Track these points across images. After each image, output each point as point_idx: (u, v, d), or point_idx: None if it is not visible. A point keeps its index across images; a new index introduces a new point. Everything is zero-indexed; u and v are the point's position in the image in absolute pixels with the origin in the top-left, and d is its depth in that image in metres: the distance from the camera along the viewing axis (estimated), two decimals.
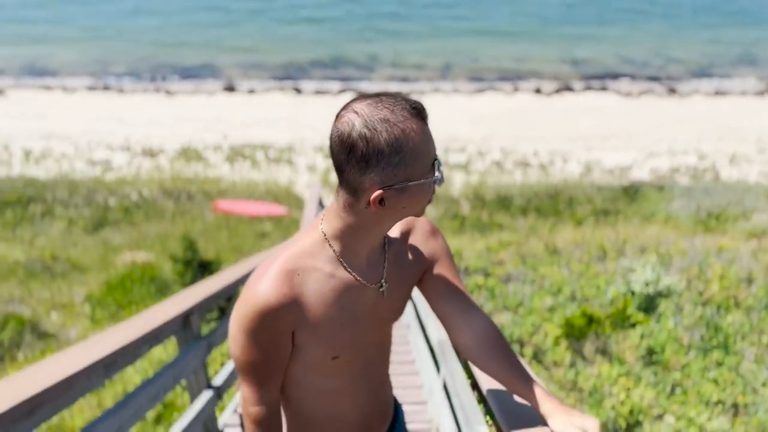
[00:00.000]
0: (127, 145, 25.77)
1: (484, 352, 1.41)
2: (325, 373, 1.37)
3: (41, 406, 1.62)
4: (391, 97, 1.18)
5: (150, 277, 11.17)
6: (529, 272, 8.42)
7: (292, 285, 1.25)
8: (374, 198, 1.17)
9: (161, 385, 2.42)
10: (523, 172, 24.14)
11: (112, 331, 2.22)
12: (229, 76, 31.99)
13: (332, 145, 1.20)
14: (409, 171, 1.17)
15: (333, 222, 1.27)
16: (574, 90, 31.79)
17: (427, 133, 1.20)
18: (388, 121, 1.14)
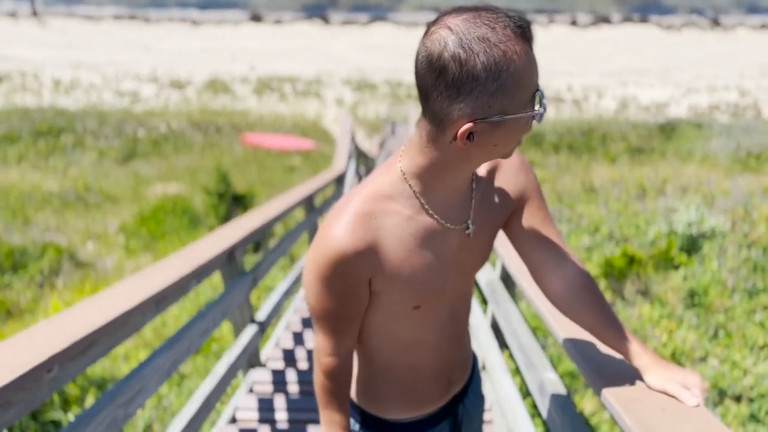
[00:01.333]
0: (155, 75, 25.60)
1: (576, 300, 1.28)
2: (407, 323, 1.26)
3: (97, 342, 1.57)
4: (492, 12, 0.98)
5: (182, 209, 11.24)
6: (565, 210, 8.24)
7: (368, 229, 1.12)
8: (462, 132, 0.99)
9: (211, 319, 2.38)
10: (556, 107, 23.52)
11: (161, 267, 2.16)
12: (255, 6, 31.27)
13: (418, 66, 1.00)
14: (506, 102, 0.98)
15: (414, 158, 1.11)
16: (611, 22, 30.56)
17: (532, 58, 0.99)
18: (487, 41, 0.94)
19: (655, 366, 1.21)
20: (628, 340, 1.23)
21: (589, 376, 1.34)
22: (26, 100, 22.76)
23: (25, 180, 14.76)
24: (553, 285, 1.30)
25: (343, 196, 1.19)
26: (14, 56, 27.44)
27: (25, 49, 28.30)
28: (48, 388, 1.35)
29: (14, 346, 1.33)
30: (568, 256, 1.32)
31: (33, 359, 1.27)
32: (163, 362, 1.86)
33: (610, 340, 1.26)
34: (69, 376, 1.44)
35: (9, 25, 31.67)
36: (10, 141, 18.38)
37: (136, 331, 1.84)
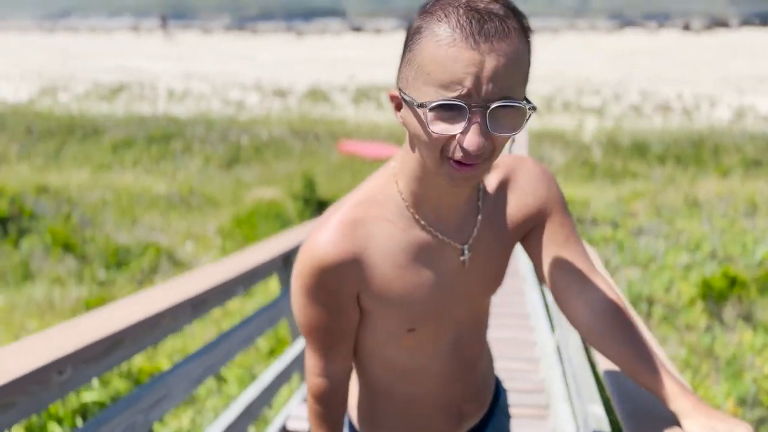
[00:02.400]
0: (259, 85, 26.67)
1: (603, 330, 1.09)
2: (404, 348, 1.14)
3: (121, 344, 1.57)
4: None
5: (275, 213, 11.58)
6: (663, 225, 7.72)
7: (355, 238, 1.01)
8: (390, 95, 0.92)
9: (257, 326, 2.37)
10: (664, 116, 22.27)
11: (204, 271, 2.17)
12: (356, 16, 31.93)
13: None
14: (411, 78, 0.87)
15: (402, 154, 1.01)
16: (729, 26, 28.60)
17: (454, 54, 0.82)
18: (430, 12, 0.85)
19: (696, 412, 1.00)
20: (664, 378, 1.03)
21: (621, 417, 1.18)
22: (143, 109, 24.36)
23: (138, 182, 15.75)
24: (578, 312, 1.12)
25: (337, 201, 1.09)
26: (134, 67, 29.50)
27: (144, 61, 30.32)
28: (59, 390, 1.37)
29: (26, 347, 1.35)
30: (596, 280, 1.14)
31: (40, 361, 1.28)
32: (193, 369, 1.86)
33: (643, 377, 1.06)
34: (85, 379, 1.45)
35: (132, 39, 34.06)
36: (127, 146, 19.74)
37: (168, 333, 1.85)
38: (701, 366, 4.88)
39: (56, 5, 54.44)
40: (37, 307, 7.12)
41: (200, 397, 4.50)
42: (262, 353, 5.13)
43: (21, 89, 26.97)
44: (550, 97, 24.08)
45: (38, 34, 36.59)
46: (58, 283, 8.23)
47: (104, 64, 30.12)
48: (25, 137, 19.68)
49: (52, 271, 8.50)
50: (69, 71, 29.25)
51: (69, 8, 51.07)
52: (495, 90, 0.83)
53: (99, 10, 48.43)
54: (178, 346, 5.55)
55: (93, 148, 19.23)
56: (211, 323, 6.18)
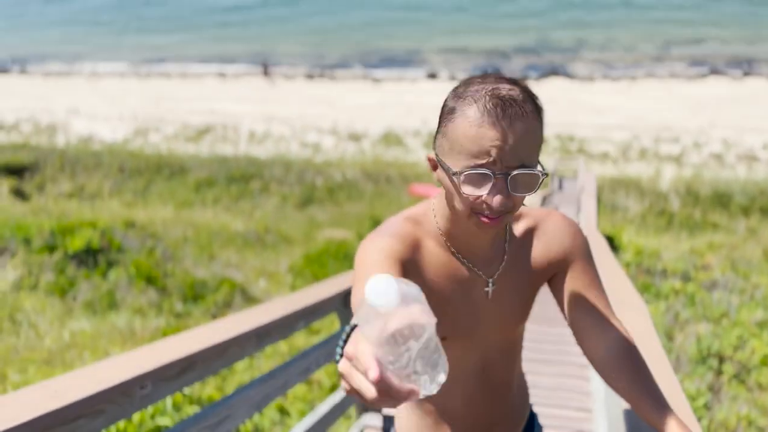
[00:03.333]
0: (335, 129, 27.54)
1: (615, 367, 1.24)
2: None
3: (192, 367, 1.80)
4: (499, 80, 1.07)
5: (344, 253, 11.88)
6: (739, 280, 7.46)
7: (408, 243, 1.19)
8: (428, 157, 1.14)
9: (313, 359, 2.56)
10: (748, 166, 21.41)
11: (270, 305, 2.39)
12: (432, 64, 32.57)
13: None
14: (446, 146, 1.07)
15: (441, 195, 1.21)
16: None
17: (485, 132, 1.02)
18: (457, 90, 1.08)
19: None
20: (666, 417, 1.16)
21: None
22: (225, 149, 25.58)
23: (217, 220, 16.50)
24: (595, 350, 1.28)
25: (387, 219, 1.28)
26: (220, 110, 31.08)
27: (230, 104, 31.86)
28: (140, 402, 1.59)
29: (114, 363, 1.60)
30: (613, 323, 1.30)
31: (125, 376, 1.51)
32: (254, 394, 2.06)
33: (647, 414, 1.19)
34: (162, 395, 1.68)
35: (219, 84, 35.92)
36: (209, 185, 20.76)
37: (235, 361, 2.07)
38: None
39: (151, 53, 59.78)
40: (119, 335, 7.61)
41: (264, 428, 4.71)
42: (324, 389, 5.32)
43: (117, 130, 28.97)
44: (627, 144, 23.64)
45: (134, 79, 39.36)
46: (140, 314, 8.75)
47: (193, 106, 31.92)
48: (117, 174, 21.06)
49: (135, 301, 9.05)
50: (161, 113, 31.18)
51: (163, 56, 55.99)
52: (514, 159, 1.04)
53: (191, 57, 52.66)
54: (247, 380, 5.82)
55: (178, 186, 20.34)
56: (280, 359, 6.44)
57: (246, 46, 39.07)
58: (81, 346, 6.65)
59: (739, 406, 4.96)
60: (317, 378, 5.41)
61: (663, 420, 1.16)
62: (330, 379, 5.34)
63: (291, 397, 5.05)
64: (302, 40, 38.75)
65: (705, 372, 5.47)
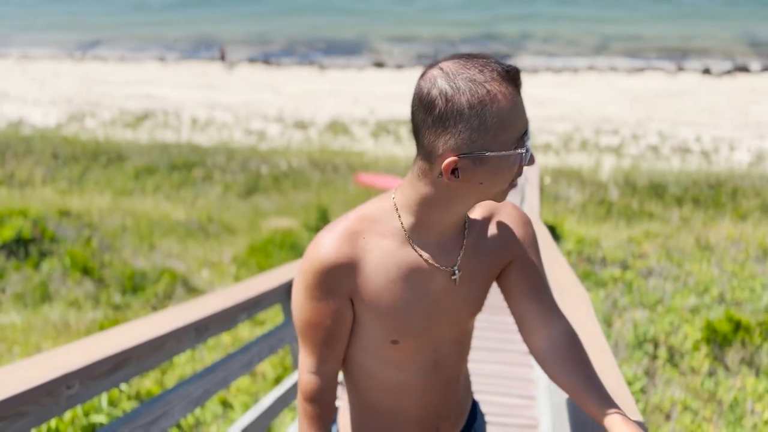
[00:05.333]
0: (281, 116, 27.15)
1: (557, 359, 1.26)
2: (388, 362, 1.27)
3: (125, 364, 1.71)
4: (483, 57, 1.06)
5: (290, 243, 11.75)
6: (673, 268, 7.75)
7: (355, 247, 1.17)
8: (447, 165, 1.05)
9: (256, 352, 2.49)
10: (682, 158, 22.26)
11: (209, 298, 2.31)
12: (379, 52, 32.50)
13: (412, 103, 1.09)
14: (489, 139, 1.03)
15: (406, 191, 1.16)
16: (750, 71, 28.62)
17: (517, 101, 1.05)
18: (473, 80, 1.02)
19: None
20: (608, 407, 1.18)
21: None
22: (166, 136, 24.89)
23: (158, 208, 16.04)
24: (538, 341, 1.29)
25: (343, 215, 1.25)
26: (160, 96, 30.18)
27: (170, 90, 30.99)
28: (67, 403, 1.50)
29: (38, 362, 1.49)
30: (557, 315, 1.30)
31: (50, 375, 1.41)
32: (192, 390, 1.98)
33: (589, 405, 1.21)
34: (92, 394, 1.59)
35: (158, 69, 34.92)
36: (148, 173, 20.14)
37: (173, 356, 1.98)
38: (704, 410, 4.88)
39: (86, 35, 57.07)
40: (53, 329, 7.30)
41: (206, 421, 4.60)
42: (268, 380, 5.24)
43: (50, 115, 27.75)
44: (569, 135, 24.21)
45: (69, 62, 37.78)
46: (75, 306, 8.42)
47: (131, 91, 30.91)
48: (50, 161, 20.19)
49: (69, 293, 8.70)
50: (97, 98, 30.05)
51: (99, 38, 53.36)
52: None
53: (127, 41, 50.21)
54: (188, 373, 5.67)
55: (116, 174, 19.66)
56: (222, 351, 6.30)
57: (187, 31, 38.02)
58: (11, 341, 6.35)
59: (672, 390, 5.14)
60: (261, 369, 5.32)
61: (605, 412, 1.17)
62: (274, 370, 5.26)
63: (234, 389, 4.95)
64: (246, 25, 38.00)
65: (641, 357, 5.65)
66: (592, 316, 2.45)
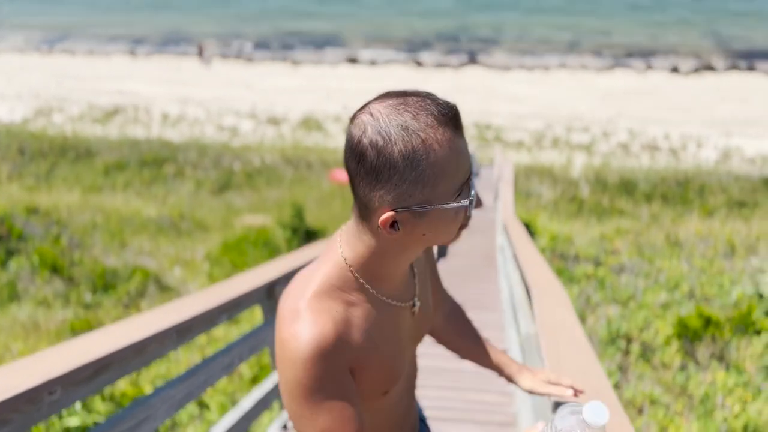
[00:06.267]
0: (254, 112, 26.92)
1: (450, 328, 1.45)
2: (376, 409, 1.19)
3: (108, 368, 1.68)
4: (419, 97, 0.95)
5: (263, 240, 11.66)
6: (644, 264, 7.88)
7: (332, 321, 1.03)
8: (384, 220, 0.95)
9: (236, 354, 2.47)
10: (651, 156, 22.66)
11: (190, 299, 2.28)
12: (353, 47, 32.38)
13: (344, 150, 0.98)
14: (428, 192, 0.94)
15: (354, 246, 1.06)
16: (716, 69, 29.21)
17: (457, 147, 0.95)
18: (407, 129, 0.92)
19: (525, 371, 1.39)
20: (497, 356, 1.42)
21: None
22: (137, 132, 24.51)
23: (128, 205, 15.79)
24: (437, 322, 1.47)
25: (287, 298, 1.07)
26: (130, 91, 29.70)
27: (140, 85, 30.52)
28: (49, 409, 1.47)
29: (19, 368, 1.46)
30: (446, 296, 1.49)
31: (32, 381, 1.38)
32: (175, 393, 1.96)
33: (484, 359, 1.42)
34: (74, 399, 1.56)
35: (129, 62, 34.35)
36: (119, 169, 19.82)
37: (154, 359, 1.95)
38: (675, 404, 4.98)
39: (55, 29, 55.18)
40: (22, 329, 7.14)
41: (182, 422, 4.55)
42: (245, 380, 5.20)
43: (16, 109, 27.11)
44: (541, 133, 24.46)
45: (36, 56, 36.92)
46: (44, 305, 8.25)
47: (100, 86, 30.34)
48: (17, 157, 19.74)
49: (38, 292, 8.52)
50: (65, 93, 29.43)
51: (68, 32, 51.48)
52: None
53: (97, 35, 48.67)
54: (162, 372, 5.60)
55: (85, 170, 19.31)
56: (197, 350, 6.24)
57: (158, 25, 37.41)
58: None
59: (644, 385, 5.24)
60: (238, 369, 5.28)
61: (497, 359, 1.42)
62: (251, 370, 5.22)
63: (210, 389, 4.90)
64: (218, 20, 37.53)
65: (614, 352, 5.75)
66: (572, 316, 2.48)
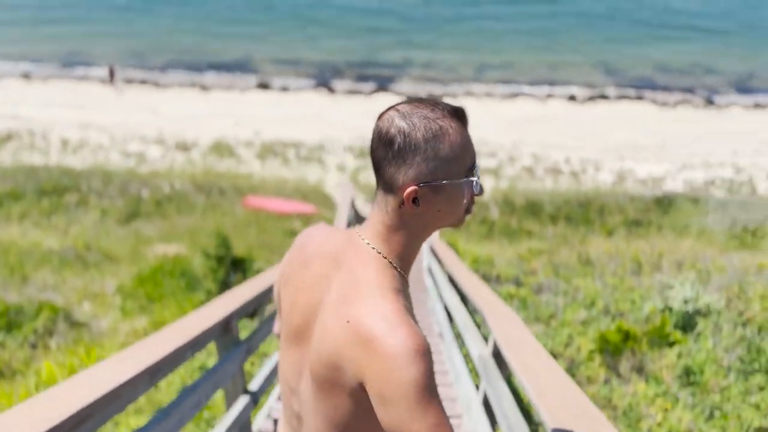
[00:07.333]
0: (161, 138, 26.09)
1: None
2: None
3: (90, 417, 1.60)
4: (432, 100, 1.19)
5: (180, 270, 11.25)
6: (561, 283, 8.28)
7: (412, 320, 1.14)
8: (408, 194, 1.15)
9: (203, 392, 2.40)
10: (554, 179, 23.86)
11: (156, 338, 2.21)
12: (264, 73, 32.19)
13: (372, 143, 1.20)
14: (444, 169, 1.15)
15: (381, 234, 1.21)
16: (608, 98, 31.31)
17: (466, 136, 1.19)
18: (427, 118, 1.14)
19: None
20: None
21: None
22: (33, 159, 23.14)
23: (26, 237, 14.82)
24: None
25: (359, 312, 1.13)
26: (25, 115, 28.04)
27: (36, 109, 28.93)
28: None
29: (8, 420, 1.37)
30: None
31: None
32: None
33: None
34: None
35: (22, 86, 32.52)
36: (14, 198, 18.57)
37: (128, 403, 1.87)
38: None
39: None
40: None
41: None
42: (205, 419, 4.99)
43: None
44: None
45: None
46: None
47: None
48: None
49: None
50: None
51: None
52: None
53: None
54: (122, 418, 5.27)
55: None
56: None
57: (56, 46, 35.63)
58: None
59: None
60: None
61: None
62: (209, 410, 5.02)
63: None
64: (124, 42, 36.24)
65: None
66: (529, 334, 2.60)
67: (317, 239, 1.33)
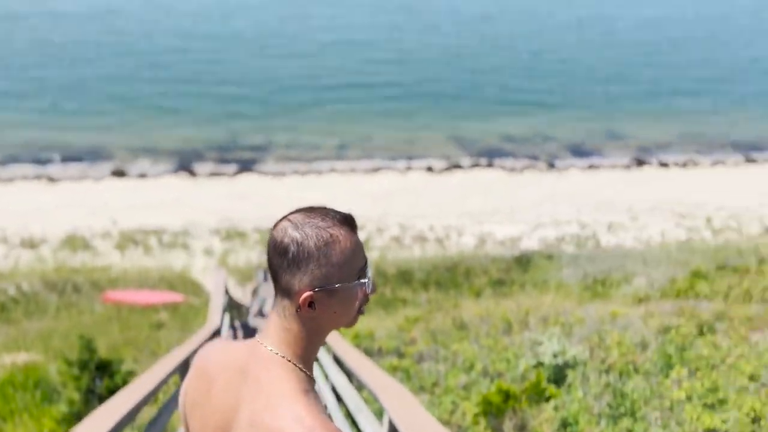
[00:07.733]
0: (3, 235, 24.02)
1: None
2: None
3: None
4: (322, 209, 1.29)
5: (35, 381, 10.19)
6: (440, 349, 8.50)
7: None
8: (303, 299, 1.23)
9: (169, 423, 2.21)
10: (421, 246, 24.73)
11: (139, 384, 2.02)
12: (119, 160, 30.95)
13: (268, 252, 1.28)
14: (336, 273, 1.24)
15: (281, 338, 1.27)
16: (463, 167, 33.39)
17: (355, 240, 1.29)
18: (318, 227, 1.24)
19: None
20: None
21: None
22: None
23: None
24: None
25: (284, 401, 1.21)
26: None
27: None
28: None
29: None
30: None
31: None
32: None
33: None
34: None
35: None
36: None
37: None
38: None
39: None
40: None
41: None
42: None
43: None
44: None
45: None
46: None
47: None
48: None
49: None
50: None
51: None
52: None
53: None
54: None
55: None
56: None
57: None
58: None
59: None
60: None
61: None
62: None
63: None
64: None
65: None
66: (426, 413, 2.67)
67: (215, 357, 1.36)
